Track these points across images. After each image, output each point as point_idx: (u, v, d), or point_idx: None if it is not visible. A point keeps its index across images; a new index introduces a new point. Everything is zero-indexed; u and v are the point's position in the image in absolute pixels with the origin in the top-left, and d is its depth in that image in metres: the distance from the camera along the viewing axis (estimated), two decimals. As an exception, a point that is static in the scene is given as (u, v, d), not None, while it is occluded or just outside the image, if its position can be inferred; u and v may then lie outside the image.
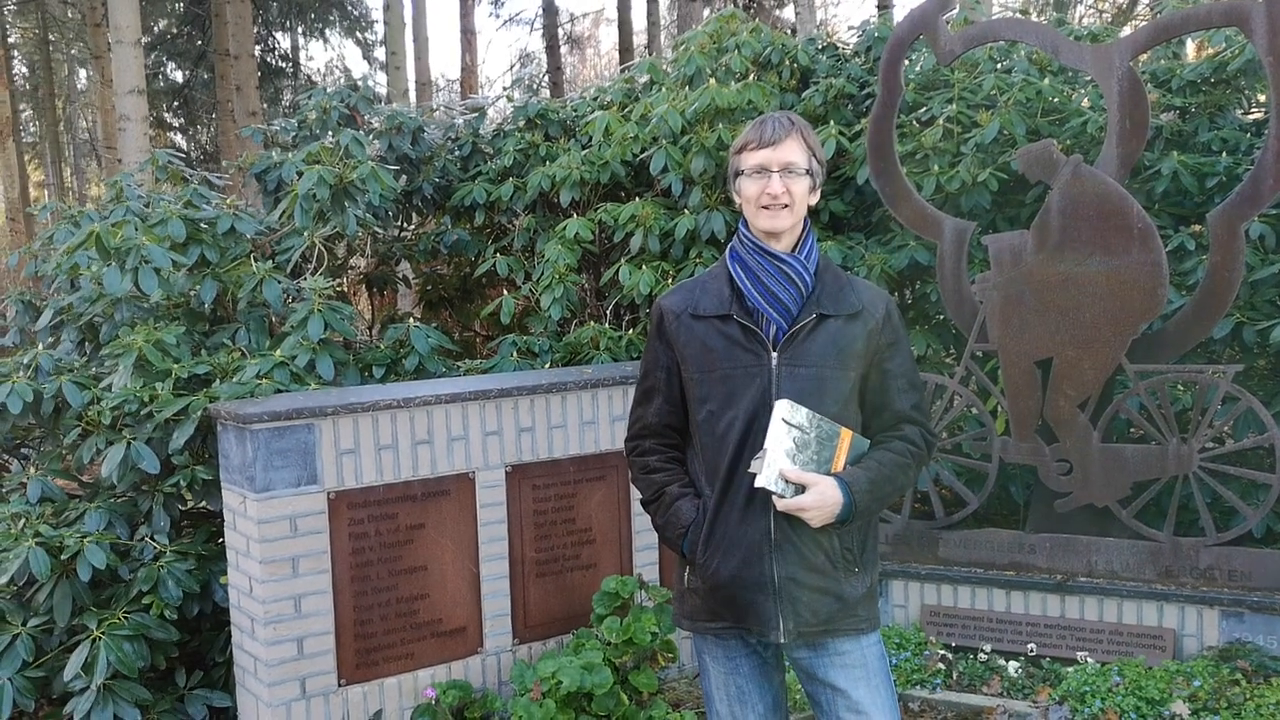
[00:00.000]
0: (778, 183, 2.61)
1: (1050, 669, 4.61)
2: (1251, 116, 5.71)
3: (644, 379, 2.84)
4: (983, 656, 4.74)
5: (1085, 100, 5.69)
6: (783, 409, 2.55)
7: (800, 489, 2.56)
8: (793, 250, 2.67)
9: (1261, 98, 5.66)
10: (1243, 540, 4.63)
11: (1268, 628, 4.38)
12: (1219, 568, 4.54)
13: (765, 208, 2.63)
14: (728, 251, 2.76)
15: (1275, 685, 4.14)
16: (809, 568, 2.60)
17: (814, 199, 2.73)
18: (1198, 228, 5.07)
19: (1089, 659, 4.56)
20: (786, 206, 2.62)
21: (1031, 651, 4.72)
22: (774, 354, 2.61)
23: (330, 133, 6.52)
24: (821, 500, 2.55)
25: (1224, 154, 5.19)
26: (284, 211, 5.59)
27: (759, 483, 2.54)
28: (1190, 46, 6.50)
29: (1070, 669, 4.50)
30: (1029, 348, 4.72)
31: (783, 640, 2.63)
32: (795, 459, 2.55)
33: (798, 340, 2.61)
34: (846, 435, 2.63)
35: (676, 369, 2.75)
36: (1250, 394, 4.52)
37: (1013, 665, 4.63)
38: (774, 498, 2.57)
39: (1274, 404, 4.85)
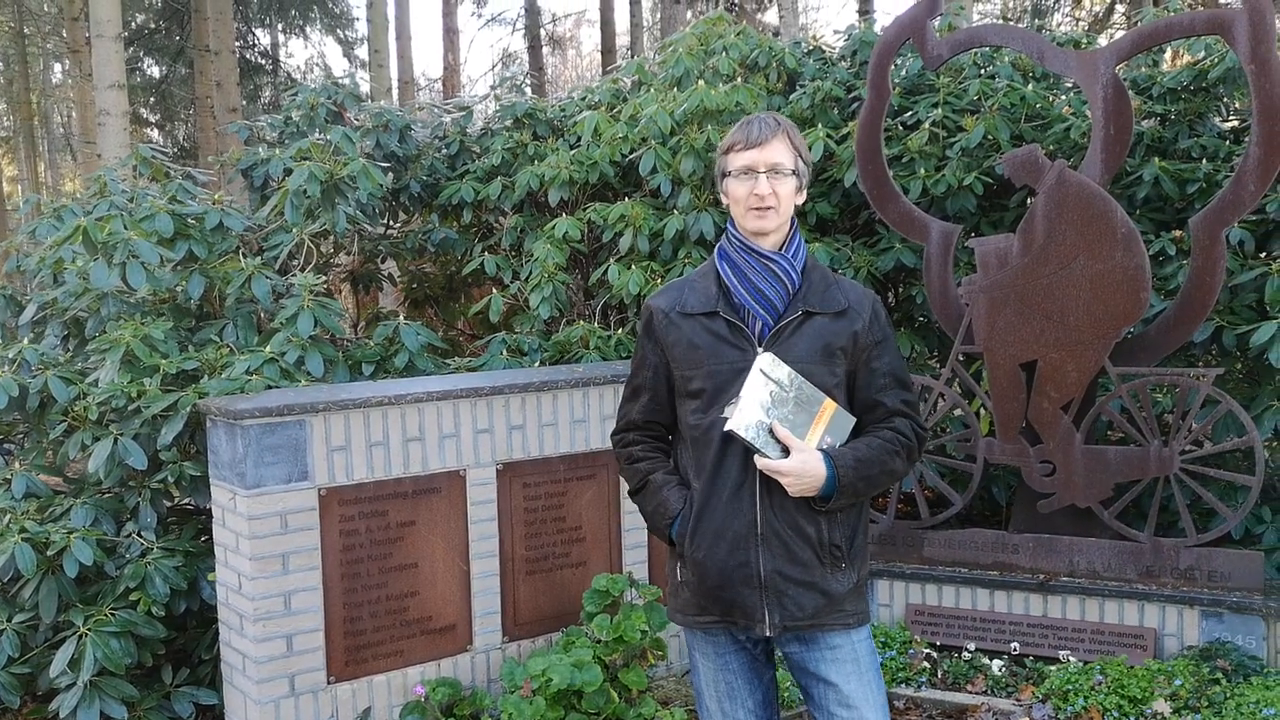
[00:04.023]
0: (765, 184, 2.64)
1: (1034, 668, 4.67)
2: (1229, 124, 5.79)
3: (633, 377, 2.88)
4: (967, 655, 4.79)
5: (1067, 106, 5.75)
6: (764, 361, 2.58)
7: (785, 453, 2.57)
8: (780, 249, 2.71)
9: (1240, 105, 5.74)
10: (1222, 541, 4.71)
11: (1247, 628, 4.45)
12: (1199, 568, 4.60)
13: (753, 209, 2.67)
14: (716, 250, 2.80)
15: (1255, 684, 4.20)
16: (795, 561, 2.62)
17: (800, 199, 2.76)
18: (1179, 233, 5.13)
19: (1071, 658, 4.61)
20: (773, 208, 2.66)
21: (1015, 650, 4.77)
22: (759, 350, 2.64)
23: (318, 129, 6.52)
24: (803, 468, 2.56)
25: (1204, 160, 5.26)
26: (274, 207, 5.58)
27: (728, 426, 2.55)
28: (1167, 54, 6.58)
29: (1053, 668, 4.56)
30: (1014, 350, 4.77)
31: (769, 634, 2.65)
32: (769, 413, 2.55)
33: (783, 336, 2.65)
34: (829, 407, 2.63)
35: (665, 367, 2.78)
36: (1230, 397, 4.58)
37: (996, 664, 4.68)
38: (755, 457, 2.57)
39: (1253, 407, 4.93)
